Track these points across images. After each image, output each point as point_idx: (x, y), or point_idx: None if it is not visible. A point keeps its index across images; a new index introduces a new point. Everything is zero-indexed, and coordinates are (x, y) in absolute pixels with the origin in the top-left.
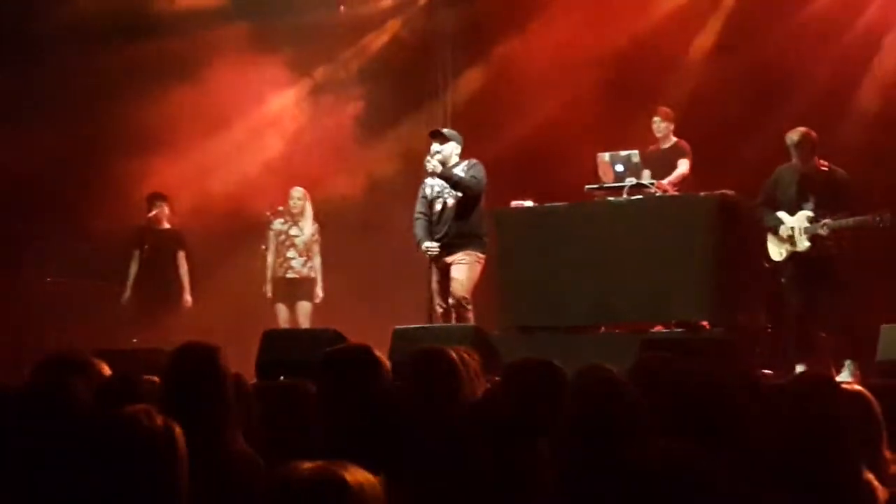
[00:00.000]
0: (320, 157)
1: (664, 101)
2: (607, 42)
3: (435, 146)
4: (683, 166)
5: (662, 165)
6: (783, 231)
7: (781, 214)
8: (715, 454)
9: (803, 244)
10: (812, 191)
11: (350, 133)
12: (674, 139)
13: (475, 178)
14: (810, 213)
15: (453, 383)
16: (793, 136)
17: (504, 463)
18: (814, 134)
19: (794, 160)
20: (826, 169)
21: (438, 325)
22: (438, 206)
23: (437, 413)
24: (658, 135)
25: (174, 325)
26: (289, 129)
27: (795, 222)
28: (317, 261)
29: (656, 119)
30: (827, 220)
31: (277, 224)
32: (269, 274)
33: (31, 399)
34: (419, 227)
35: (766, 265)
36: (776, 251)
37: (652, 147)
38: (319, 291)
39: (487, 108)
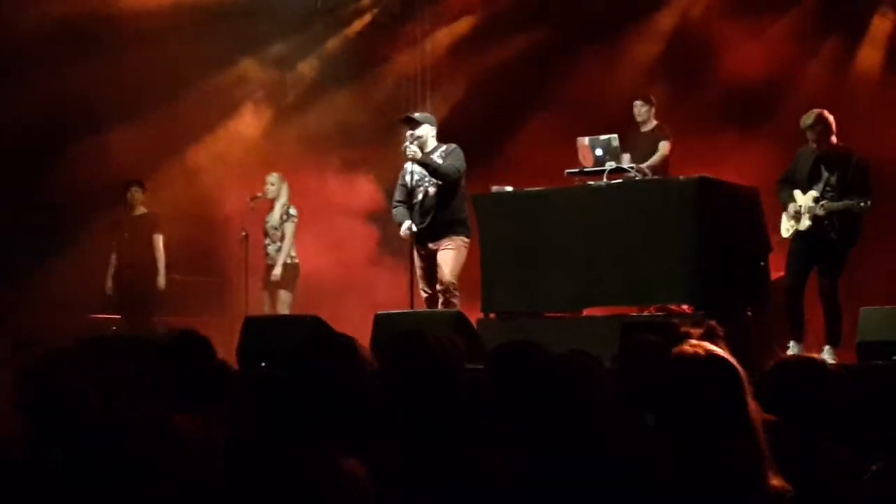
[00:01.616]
0: (299, 145)
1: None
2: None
3: (410, 132)
4: (663, 148)
5: (642, 149)
6: (792, 208)
7: (796, 192)
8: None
9: (804, 223)
10: (826, 171)
11: (329, 120)
12: (654, 122)
13: (453, 164)
14: (816, 194)
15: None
16: (807, 119)
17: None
18: (828, 115)
19: (810, 142)
20: (843, 151)
21: (421, 310)
22: (420, 196)
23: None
24: (639, 119)
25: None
26: (269, 118)
27: (803, 201)
28: (286, 243)
29: (637, 103)
30: (824, 202)
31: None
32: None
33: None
34: (399, 214)
35: (778, 240)
36: (784, 227)
37: (634, 131)
38: (276, 270)
39: (463, 84)
